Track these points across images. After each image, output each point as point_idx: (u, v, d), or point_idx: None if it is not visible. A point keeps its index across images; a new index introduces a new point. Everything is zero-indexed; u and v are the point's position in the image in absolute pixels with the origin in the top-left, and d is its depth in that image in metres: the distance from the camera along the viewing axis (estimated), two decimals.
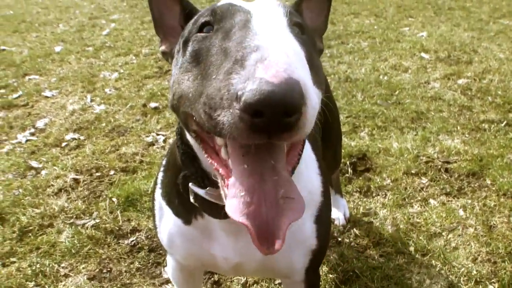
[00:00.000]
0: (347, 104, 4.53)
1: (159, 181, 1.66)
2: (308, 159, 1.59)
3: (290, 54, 0.93)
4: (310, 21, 1.51)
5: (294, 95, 0.84)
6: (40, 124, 4.37)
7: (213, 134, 0.97)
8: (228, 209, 1.00)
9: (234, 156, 1.06)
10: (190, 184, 1.33)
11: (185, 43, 1.23)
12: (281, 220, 1.00)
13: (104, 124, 4.30)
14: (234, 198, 1.01)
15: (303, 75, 0.91)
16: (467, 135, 3.97)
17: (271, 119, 0.85)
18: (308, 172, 1.55)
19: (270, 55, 0.89)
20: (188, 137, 1.29)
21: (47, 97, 4.99)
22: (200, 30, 1.19)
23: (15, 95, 5.02)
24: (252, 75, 0.86)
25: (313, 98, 0.91)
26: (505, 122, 4.17)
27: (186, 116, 1.14)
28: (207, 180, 1.29)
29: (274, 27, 1.06)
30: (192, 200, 1.34)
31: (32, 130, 4.26)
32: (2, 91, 5.18)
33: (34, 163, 3.68)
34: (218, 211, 1.20)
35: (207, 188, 1.29)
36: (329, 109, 2.37)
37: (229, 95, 0.88)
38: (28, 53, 6.53)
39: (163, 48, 1.53)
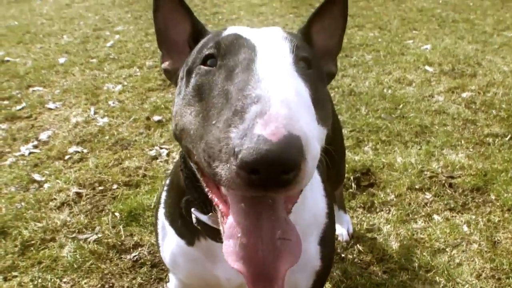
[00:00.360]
0: (351, 118, 4.52)
1: (162, 200, 1.66)
2: (313, 180, 1.58)
3: (292, 104, 0.92)
4: (323, 42, 1.48)
5: (292, 152, 0.84)
6: (43, 136, 4.36)
7: (213, 181, 0.97)
8: (225, 252, 1.00)
9: (232, 194, 1.06)
10: (192, 209, 1.33)
11: (189, 73, 1.22)
12: (278, 264, 1.00)
13: (107, 137, 4.29)
14: (230, 239, 1.01)
15: (306, 126, 0.90)
16: (471, 149, 3.96)
17: (267, 177, 0.84)
18: (313, 194, 1.55)
19: (271, 108, 0.88)
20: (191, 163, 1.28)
21: (50, 109, 4.99)
22: (204, 62, 1.18)
23: (18, 107, 5.02)
24: (250, 130, 0.85)
25: (315, 147, 0.91)
26: (509, 136, 4.16)
27: (188, 150, 1.14)
28: (210, 205, 1.28)
29: (278, 70, 1.04)
30: (194, 223, 1.34)
31: (35, 142, 4.26)
32: (6, 102, 5.17)
33: (37, 176, 3.68)
34: (220, 236, 1.19)
35: (210, 214, 1.29)
36: (332, 128, 2.36)
37: (227, 149, 0.88)
38: (32, 65, 6.53)
39: (165, 65, 1.51)
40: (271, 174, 0.84)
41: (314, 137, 0.93)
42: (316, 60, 1.29)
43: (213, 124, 0.97)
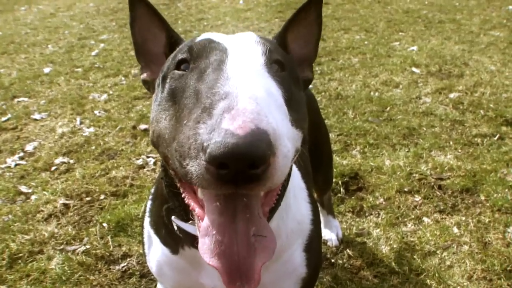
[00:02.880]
0: (338, 122, 4.52)
1: (147, 209, 1.67)
2: (297, 188, 1.59)
3: (260, 100, 0.93)
4: (298, 49, 1.51)
5: (260, 146, 0.85)
6: (29, 147, 4.33)
7: (185, 181, 0.98)
8: (200, 249, 1.01)
9: (207, 193, 1.07)
10: (172, 217, 1.35)
11: (164, 79, 1.24)
12: (253, 260, 1.01)
13: (93, 147, 4.27)
14: (206, 237, 1.02)
15: (275, 122, 0.92)
16: (459, 150, 3.96)
17: (236, 171, 0.85)
18: (297, 203, 1.55)
19: (238, 103, 0.90)
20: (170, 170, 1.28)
21: (36, 120, 4.95)
22: (178, 67, 1.20)
23: (4, 118, 4.98)
24: (218, 125, 0.87)
25: (285, 145, 0.92)
26: (497, 136, 4.16)
27: (165, 156, 1.14)
28: (190, 213, 1.27)
29: (248, 69, 1.06)
30: (176, 231, 1.35)
31: (22, 154, 4.23)
32: None
33: (23, 188, 3.65)
34: None
35: (190, 222, 1.29)
36: (318, 133, 2.37)
37: (196, 145, 0.89)
38: (17, 75, 6.49)
39: (144, 76, 1.54)
40: (239, 168, 0.85)
41: (284, 135, 0.95)
42: (290, 64, 1.30)
43: (184, 124, 0.98)
